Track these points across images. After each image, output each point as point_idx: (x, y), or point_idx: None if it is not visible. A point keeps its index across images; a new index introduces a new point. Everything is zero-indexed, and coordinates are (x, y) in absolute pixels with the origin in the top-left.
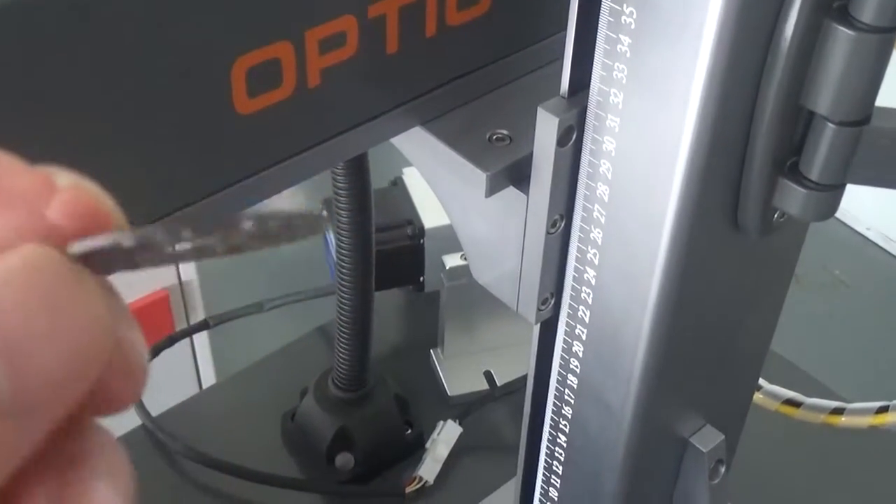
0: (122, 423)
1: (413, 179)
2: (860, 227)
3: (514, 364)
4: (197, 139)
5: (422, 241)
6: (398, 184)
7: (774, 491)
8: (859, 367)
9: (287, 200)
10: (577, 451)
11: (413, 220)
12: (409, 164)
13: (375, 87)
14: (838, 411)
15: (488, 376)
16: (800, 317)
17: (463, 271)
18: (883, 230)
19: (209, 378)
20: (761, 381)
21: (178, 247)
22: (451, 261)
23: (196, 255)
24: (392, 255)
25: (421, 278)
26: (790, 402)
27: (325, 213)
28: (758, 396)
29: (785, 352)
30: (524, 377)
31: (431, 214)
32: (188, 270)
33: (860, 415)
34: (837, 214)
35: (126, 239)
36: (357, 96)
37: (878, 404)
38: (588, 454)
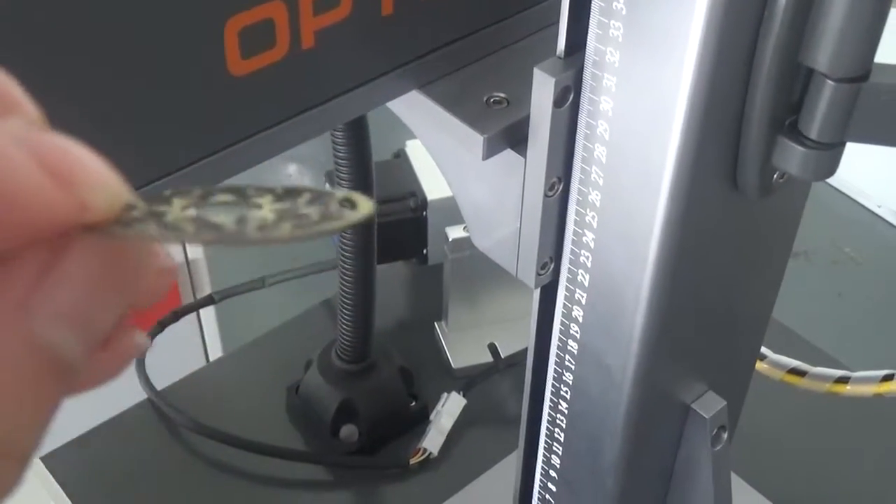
0: (127, 396)
1: (416, 152)
2: (870, 203)
3: (519, 336)
4: (190, 101)
5: (424, 213)
6: (401, 156)
7: (777, 460)
8: (869, 343)
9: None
10: (579, 417)
11: (416, 192)
12: (411, 137)
13: (370, 50)
14: (843, 380)
15: (492, 348)
16: (810, 294)
17: (466, 243)
18: (893, 207)
19: (216, 353)
20: (766, 351)
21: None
22: (455, 233)
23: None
24: (395, 227)
25: (424, 251)
26: (795, 371)
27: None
28: (762, 366)
29: (795, 328)
30: None
31: (434, 187)
32: (195, 249)
33: (865, 383)
34: (847, 191)
35: None
36: (352, 59)
37: (882, 372)
38: (589, 421)
